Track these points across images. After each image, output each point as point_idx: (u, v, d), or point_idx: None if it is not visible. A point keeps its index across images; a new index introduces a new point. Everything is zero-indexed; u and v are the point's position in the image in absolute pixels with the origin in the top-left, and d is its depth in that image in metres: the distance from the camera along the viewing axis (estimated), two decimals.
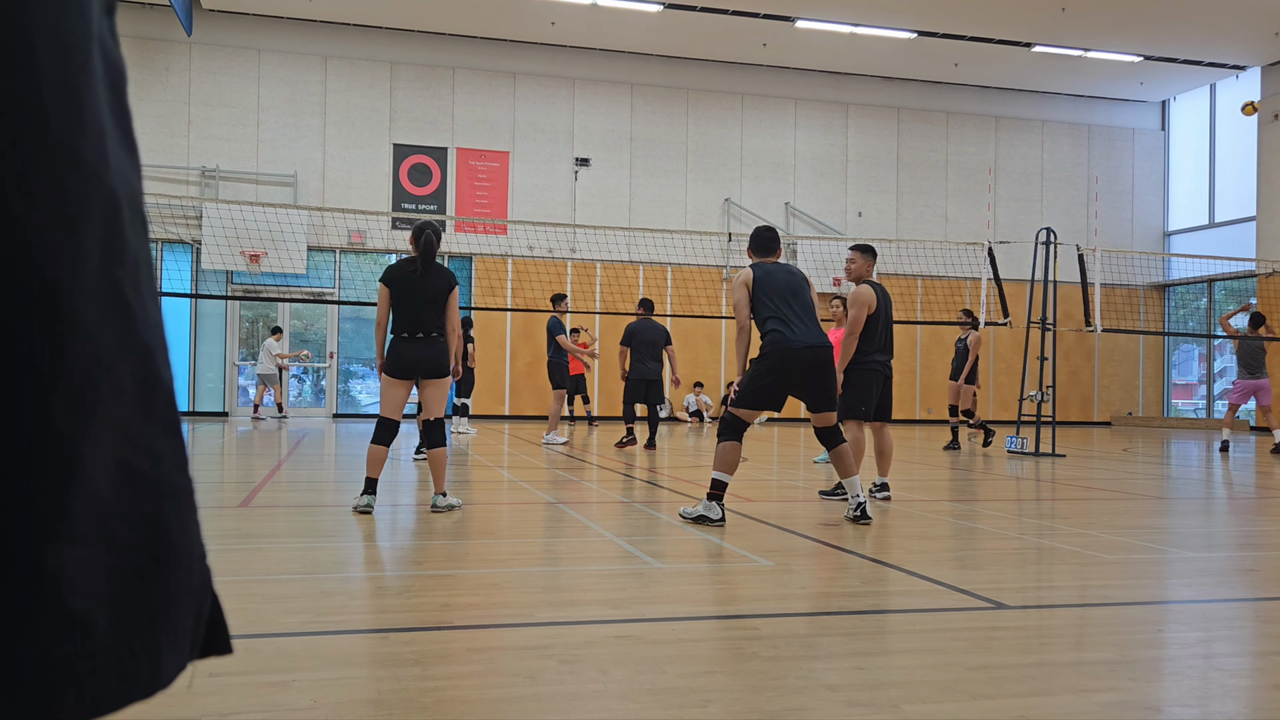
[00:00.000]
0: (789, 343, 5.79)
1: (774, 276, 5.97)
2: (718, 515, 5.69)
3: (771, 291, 5.90)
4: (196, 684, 2.66)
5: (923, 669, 2.95)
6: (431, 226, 6.36)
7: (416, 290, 6.19)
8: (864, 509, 5.82)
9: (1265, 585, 4.49)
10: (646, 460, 10.79)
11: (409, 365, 6.19)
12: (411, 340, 6.18)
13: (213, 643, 0.88)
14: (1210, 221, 24.61)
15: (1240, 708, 2.71)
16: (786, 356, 5.79)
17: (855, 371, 7.11)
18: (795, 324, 5.83)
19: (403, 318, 6.21)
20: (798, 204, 23.41)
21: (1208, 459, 13.01)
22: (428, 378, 6.23)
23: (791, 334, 5.80)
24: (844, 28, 20.67)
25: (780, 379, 5.87)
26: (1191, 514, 7.31)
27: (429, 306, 6.20)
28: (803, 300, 5.96)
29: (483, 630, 3.34)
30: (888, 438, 7.29)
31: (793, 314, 5.86)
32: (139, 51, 20.32)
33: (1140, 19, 20.08)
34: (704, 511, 5.72)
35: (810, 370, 5.85)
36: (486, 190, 21.86)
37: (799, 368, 5.83)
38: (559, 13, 20.22)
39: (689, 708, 2.55)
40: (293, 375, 21.74)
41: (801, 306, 5.92)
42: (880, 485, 7.27)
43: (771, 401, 5.93)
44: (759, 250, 6.25)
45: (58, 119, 0.74)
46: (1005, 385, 23.70)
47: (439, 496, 6.19)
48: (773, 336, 5.85)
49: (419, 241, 6.28)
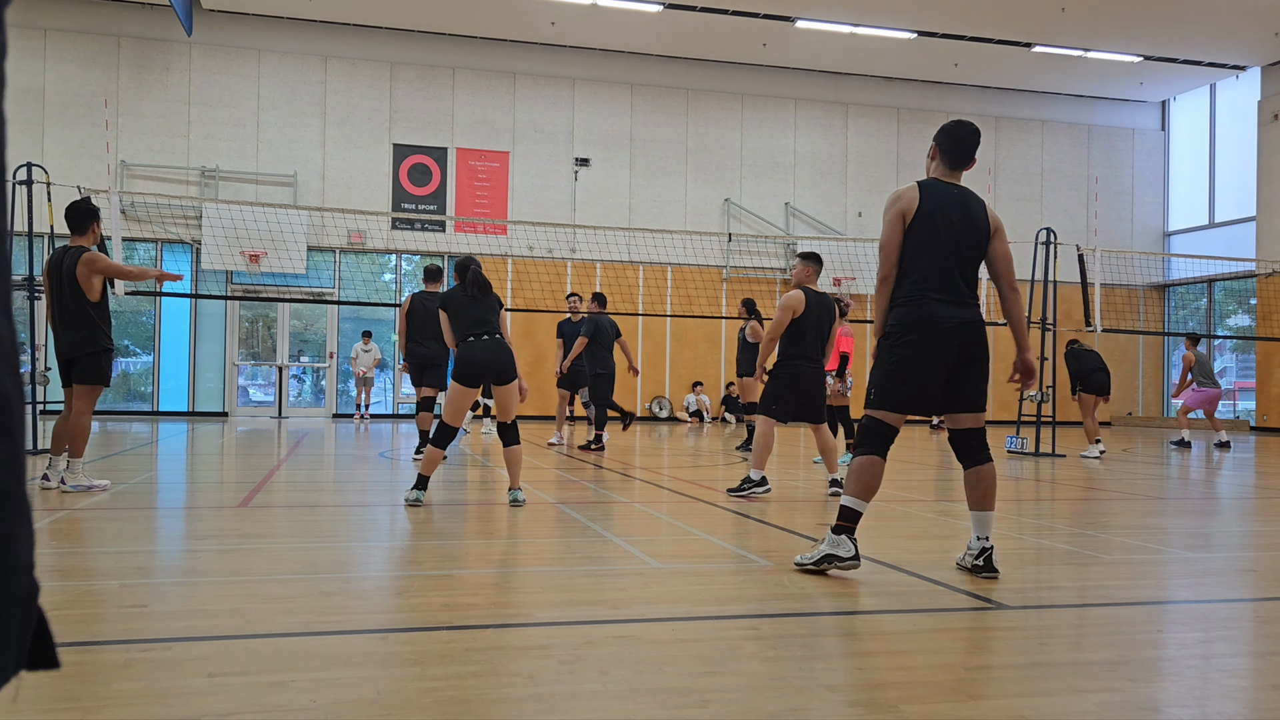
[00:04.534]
0: (937, 316, 4.32)
1: (942, 209, 4.47)
2: (849, 553, 4.26)
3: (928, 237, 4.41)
4: (197, 684, 2.66)
5: (923, 669, 2.95)
6: (475, 262, 6.84)
7: (477, 304, 6.66)
8: (988, 557, 4.36)
9: (1265, 585, 4.49)
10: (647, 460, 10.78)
11: (480, 369, 6.53)
12: (479, 341, 6.54)
13: (39, 656, 0.85)
14: (1210, 221, 24.60)
15: (1240, 708, 2.71)
16: (935, 331, 4.30)
17: (780, 371, 7.34)
18: (945, 289, 4.39)
19: (467, 322, 6.58)
20: (798, 204, 23.41)
21: (1207, 459, 13.01)
22: (498, 383, 6.62)
23: (941, 314, 4.33)
24: (844, 28, 20.67)
25: (931, 358, 4.32)
26: (1191, 514, 7.31)
27: (491, 312, 6.71)
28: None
29: (482, 630, 3.34)
30: (826, 436, 7.48)
31: (947, 273, 4.41)
32: (139, 51, 20.32)
33: (1140, 19, 20.08)
34: (829, 549, 4.29)
35: (965, 349, 4.36)
36: (486, 190, 21.86)
37: (953, 345, 4.33)
38: (559, 13, 20.22)
39: (689, 708, 2.55)
40: (292, 375, 21.74)
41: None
42: (832, 481, 7.43)
43: (925, 398, 4.39)
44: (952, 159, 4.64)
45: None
46: (1005, 385, 23.68)
47: (516, 492, 6.61)
48: (918, 309, 4.35)
49: (465, 276, 6.71)
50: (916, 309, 4.29)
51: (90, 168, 19.38)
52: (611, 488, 8.18)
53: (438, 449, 6.54)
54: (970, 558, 4.40)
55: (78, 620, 3.36)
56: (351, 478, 9.07)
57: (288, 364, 21.24)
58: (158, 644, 3.05)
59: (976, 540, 4.38)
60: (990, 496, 4.41)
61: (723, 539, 5.43)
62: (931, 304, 4.29)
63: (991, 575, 4.31)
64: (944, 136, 4.64)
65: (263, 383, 21.93)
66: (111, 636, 3.16)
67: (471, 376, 6.49)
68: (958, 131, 4.61)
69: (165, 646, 3.03)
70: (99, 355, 6.94)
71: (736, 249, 22.76)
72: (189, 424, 17.83)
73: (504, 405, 6.64)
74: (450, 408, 6.58)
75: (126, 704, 2.50)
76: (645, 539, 5.43)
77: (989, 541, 4.37)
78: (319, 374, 21.90)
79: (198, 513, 6.40)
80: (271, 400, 21.40)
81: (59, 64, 19.92)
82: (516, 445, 6.65)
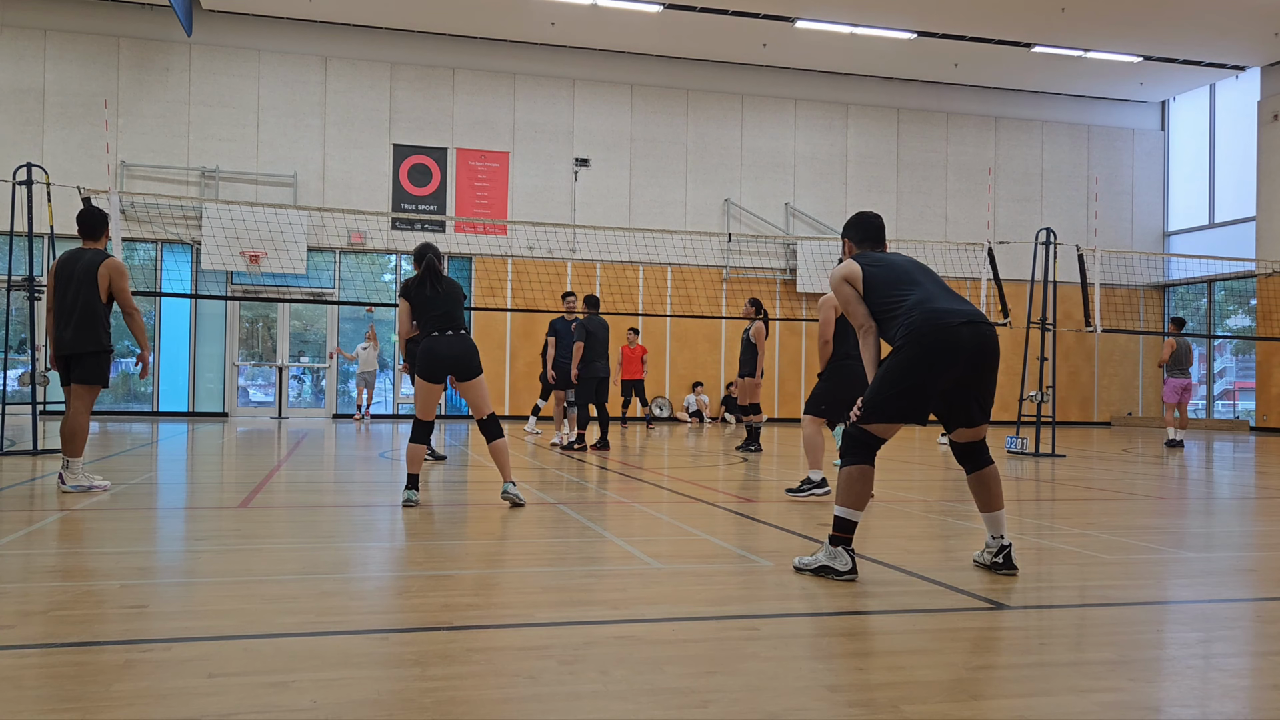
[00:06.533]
0: (943, 318, 4.20)
1: (891, 263, 4.51)
2: (846, 566, 4.20)
3: (891, 277, 4.43)
4: (197, 684, 2.66)
5: (923, 669, 2.95)
6: (433, 249, 6.75)
7: (439, 298, 6.59)
8: (1008, 554, 4.40)
9: (1265, 585, 4.49)
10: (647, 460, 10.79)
11: (444, 364, 6.47)
12: (443, 336, 6.49)
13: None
14: (1210, 222, 24.60)
15: (1240, 708, 2.71)
16: (942, 337, 4.17)
17: (832, 372, 7.29)
18: (941, 298, 4.33)
19: (430, 317, 6.53)
20: (797, 204, 23.41)
21: (1207, 459, 13.01)
22: (461, 379, 6.55)
23: (943, 307, 4.26)
24: (844, 28, 20.67)
25: (932, 372, 4.20)
26: (1191, 514, 7.31)
27: (455, 305, 6.63)
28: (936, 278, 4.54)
29: (483, 630, 3.34)
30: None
31: (935, 288, 4.38)
32: (139, 52, 20.32)
33: (1140, 19, 20.08)
34: (827, 561, 4.25)
35: (977, 356, 4.22)
36: (486, 190, 21.86)
37: (962, 352, 4.18)
38: (559, 13, 20.22)
39: (689, 708, 2.55)
40: (292, 375, 21.74)
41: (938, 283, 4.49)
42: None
43: (919, 408, 4.28)
44: (864, 239, 4.76)
45: None
46: (1005, 385, 23.68)
47: (509, 485, 6.54)
48: (918, 314, 4.24)
49: (422, 263, 6.65)
50: (920, 314, 4.21)
51: (90, 168, 19.39)
52: (611, 488, 8.18)
53: (418, 445, 6.55)
54: (989, 555, 4.44)
55: (78, 620, 3.36)
56: (351, 478, 9.07)
57: (288, 364, 21.24)
58: (158, 644, 3.05)
59: (994, 539, 4.43)
60: (998, 496, 4.44)
61: (723, 539, 5.43)
62: (933, 305, 4.25)
63: (1011, 572, 4.35)
64: (853, 229, 4.80)
65: (263, 383, 21.93)
66: (111, 636, 3.16)
67: (434, 371, 6.49)
68: (863, 218, 4.79)
69: (165, 647, 3.03)
70: (100, 355, 6.98)
71: (736, 249, 22.76)
72: (189, 424, 17.83)
73: (475, 402, 6.62)
74: (419, 403, 6.60)
75: (126, 704, 2.50)
76: (645, 539, 5.43)
77: (1006, 539, 4.40)
78: (319, 374, 21.90)
79: (198, 513, 6.40)
80: (271, 401, 21.39)
81: (59, 64, 19.92)
82: (500, 439, 6.59)
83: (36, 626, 3.30)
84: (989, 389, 4.32)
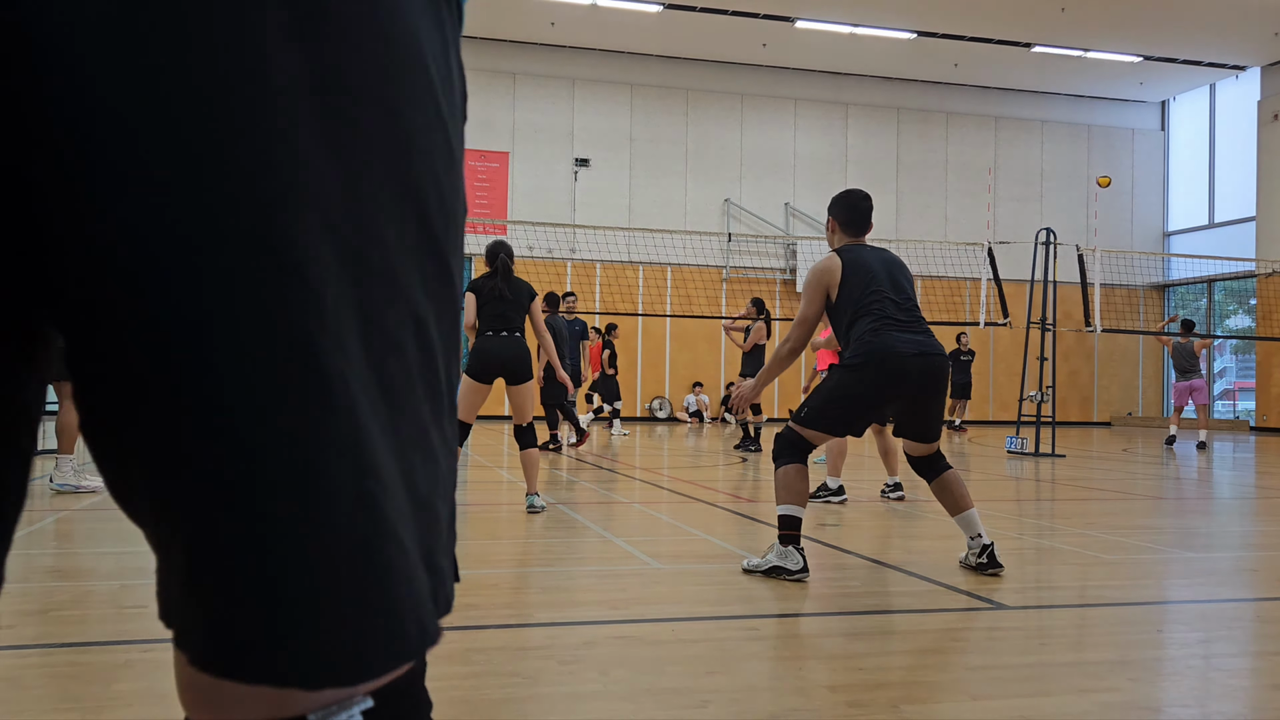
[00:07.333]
0: (897, 347, 4.30)
1: (866, 261, 4.50)
2: (797, 565, 4.16)
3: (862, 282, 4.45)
4: None
5: (923, 669, 2.95)
6: (504, 248, 6.50)
7: (503, 300, 6.38)
8: (990, 553, 4.38)
9: (1265, 585, 4.50)
10: (647, 460, 10.79)
11: (495, 364, 6.29)
12: (496, 337, 6.32)
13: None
14: (1210, 222, 24.61)
15: (1240, 708, 2.71)
16: (892, 365, 4.29)
17: None
18: (899, 323, 4.39)
19: (489, 316, 6.34)
20: (797, 204, 23.41)
21: (1208, 459, 13.01)
22: (512, 382, 6.37)
23: (899, 335, 4.34)
24: (844, 28, 20.67)
25: (878, 396, 4.38)
26: (1191, 514, 7.31)
27: (516, 310, 6.41)
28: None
29: (482, 630, 3.34)
30: (889, 437, 7.34)
31: (896, 307, 4.41)
32: None
33: (1140, 19, 20.09)
34: (778, 561, 4.20)
35: (922, 385, 4.38)
36: (486, 190, 21.86)
37: (909, 381, 4.34)
38: (559, 13, 20.22)
39: (689, 708, 2.55)
40: None
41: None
42: (894, 485, 7.35)
43: (856, 424, 4.49)
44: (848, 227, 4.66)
45: None
46: (1005, 385, 23.70)
47: (533, 497, 6.37)
48: (875, 340, 4.34)
49: (494, 264, 6.42)
50: (877, 340, 4.28)
51: None
52: (611, 488, 8.18)
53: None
54: (973, 556, 4.41)
55: (78, 620, 3.36)
56: None
57: None
58: (158, 644, 3.05)
59: (973, 540, 4.40)
60: (964, 497, 4.45)
61: (723, 539, 5.43)
62: (891, 334, 4.29)
63: (995, 571, 4.32)
64: (838, 207, 4.66)
65: None
66: (111, 636, 3.16)
67: (485, 371, 6.32)
68: (851, 199, 4.65)
69: (165, 647, 3.03)
70: None
71: (736, 249, 22.76)
72: None
73: (519, 407, 6.45)
74: (461, 403, 6.42)
75: (126, 704, 2.50)
76: (645, 539, 5.43)
77: (986, 538, 4.38)
78: None
79: None
80: None
81: None
82: (533, 448, 6.44)
83: (36, 626, 3.30)
84: (937, 411, 4.50)
